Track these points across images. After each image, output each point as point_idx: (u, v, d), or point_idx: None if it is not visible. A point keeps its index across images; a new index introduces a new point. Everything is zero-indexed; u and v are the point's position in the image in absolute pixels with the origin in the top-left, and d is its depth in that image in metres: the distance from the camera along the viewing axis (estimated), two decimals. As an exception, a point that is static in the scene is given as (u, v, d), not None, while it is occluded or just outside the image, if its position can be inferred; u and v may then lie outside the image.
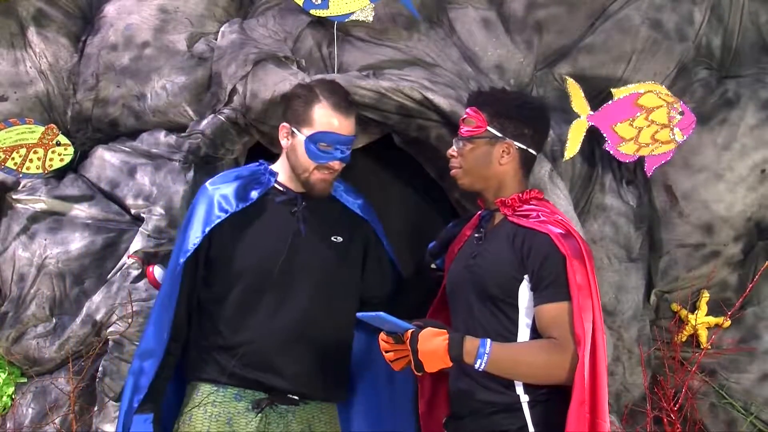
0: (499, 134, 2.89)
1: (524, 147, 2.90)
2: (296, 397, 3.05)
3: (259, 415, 3.00)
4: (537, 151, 2.96)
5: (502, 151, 2.89)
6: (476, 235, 2.96)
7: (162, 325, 3.05)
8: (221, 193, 3.11)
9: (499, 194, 2.90)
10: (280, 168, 3.18)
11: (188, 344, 3.12)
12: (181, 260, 3.05)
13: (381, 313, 2.68)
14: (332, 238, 3.16)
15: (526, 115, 2.93)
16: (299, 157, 3.10)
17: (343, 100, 3.12)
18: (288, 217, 3.12)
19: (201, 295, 3.10)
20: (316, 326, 3.08)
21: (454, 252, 3.08)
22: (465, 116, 2.96)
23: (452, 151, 2.96)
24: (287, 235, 3.08)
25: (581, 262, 2.73)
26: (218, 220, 3.06)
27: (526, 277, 2.76)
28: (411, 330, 2.69)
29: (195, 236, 3.06)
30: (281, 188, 3.16)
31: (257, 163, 3.28)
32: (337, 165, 3.10)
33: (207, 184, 3.18)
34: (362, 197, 3.37)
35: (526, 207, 2.87)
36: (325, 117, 3.06)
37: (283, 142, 3.15)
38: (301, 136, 3.08)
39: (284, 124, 3.15)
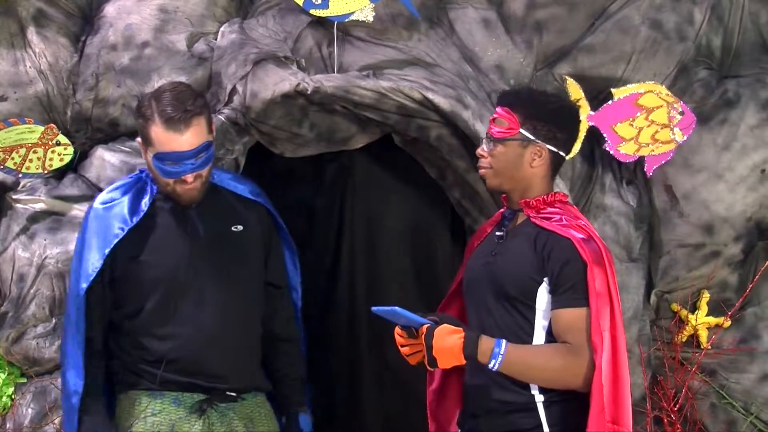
0: (532, 137, 2.84)
1: (555, 150, 2.88)
2: (234, 394, 3.03)
3: (202, 417, 2.99)
4: (567, 153, 2.93)
5: (534, 154, 2.85)
6: (498, 233, 2.93)
7: (77, 362, 2.98)
8: (114, 211, 3.05)
9: (525, 195, 2.87)
10: None
11: (110, 362, 3.08)
12: (84, 285, 2.98)
13: (396, 307, 2.68)
14: (232, 229, 3.13)
15: (560, 119, 2.89)
16: (154, 174, 3.04)
17: (177, 112, 2.95)
18: (182, 219, 3.08)
19: (113, 315, 3.06)
20: (235, 319, 3.07)
21: (473, 247, 3.06)
22: (495, 116, 2.90)
23: (482, 150, 2.90)
24: (185, 236, 3.05)
25: (602, 267, 2.71)
26: (116, 240, 3.00)
27: (545, 280, 2.74)
28: (427, 325, 2.69)
29: (95, 260, 2.99)
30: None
31: (138, 172, 3.22)
32: (190, 178, 2.99)
33: (95, 204, 3.11)
34: (249, 182, 3.31)
35: (549, 209, 2.84)
36: (161, 137, 2.95)
37: (145, 156, 3.08)
38: (150, 155, 3.01)
39: (138, 139, 3.09)
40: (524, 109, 2.86)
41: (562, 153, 2.90)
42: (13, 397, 3.63)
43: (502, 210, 2.99)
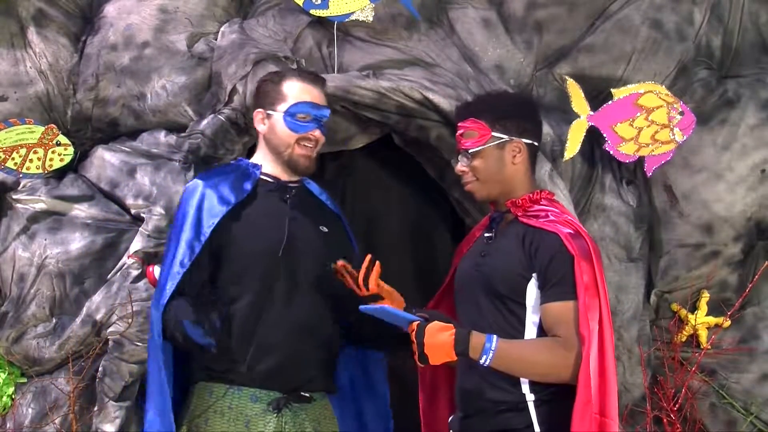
0: (506, 136, 2.89)
1: (530, 141, 2.91)
2: (308, 395, 3.05)
3: (277, 416, 2.99)
4: (539, 142, 2.98)
5: (513, 151, 2.89)
6: (486, 234, 2.96)
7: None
8: (217, 186, 3.10)
9: (510, 195, 2.90)
10: (262, 159, 3.17)
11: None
12: (197, 247, 2.98)
13: (386, 306, 2.69)
14: (320, 228, 3.17)
15: (523, 111, 2.96)
16: (279, 134, 3.11)
17: (310, 73, 3.22)
18: (281, 204, 3.12)
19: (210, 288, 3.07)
20: (321, 316, 3.08)
21: (463, 251, 3.08)
22: (461, 131, 2.93)
23: (461, 167, 2.93)
24: (284, 221, 3.08)
25: (589, 262, 2.74)
26: (222, 213, 3.04)
27: (533, 275, 2.77)
28: (417, 322, 2.70)
29: (203, 229, 3.02)
30: (268, 178, 3.16)
31: (237, 160, 3.29)
32: (317, 134, 3.12)
33: (197, 180, 3.16)
34: (325, 192, 3.36)
35: (536, 207, 2.87)
36: (296, 89, 3.11)
37: (260, 127, 3.15)
38: (278, 114, 3.10)
39: (258, 110, 3.16)
40: (488, 114, 2.91)
41: (535, 143, 2.95)
42: (13, 396, 3.64)
43: (490, 214, 3.02)
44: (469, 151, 2.90)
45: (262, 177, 3.15)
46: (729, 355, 3.94)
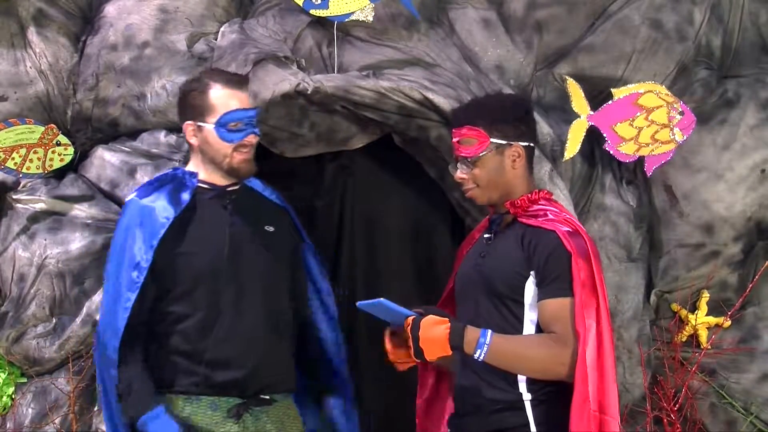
0: (504, 141, 2.88)
1: (527, 144, 2.92)
2: (268, 398, 3.04)
3: (238, 422, 2.99)
4: (535, 142, 2.98)
5: (512, 156, 2.88)
6: (486, 236, 2.97)
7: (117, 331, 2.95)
8: (155, 203, 3.04)
9: (510, 197, 2.90)
10: (197, 168, 3.12)
11: (146, 363, 3.02)
12: (137, 275, 2.95)
13: (382, 299, 2.68)
14: (265, 228, 3.14)
15: (518, 114, 2.94)
16: (214, 146, 3.05)
17: (233, 77, 3.11)
18: (221, 211, 3.08)
19: (158, 306, 3.02)
20: (273, 317, 3.07)
21: (463, 254, 3.09)
22: (458, 138, 2.91)
23: (461, 174, 2.91)
24: (225, 229, 3.05)
25: (587, 260, 2.74)
26: (163, 230, 2.99)
27: (531, 273, 2.77)
28: (413, 316, 2.70)
29: (142, 252, 2.98)
30: (206, 186, 3.12)
31: (173, 169, 3.23)
32: (252, 139, 3.06)
33: (133, 197, 3.10)
34: (270, 187, 3.33)
35: (535, 207, 2.88)
36: (223, 97, 3.02)
37: (192, 140, 3.08)
38: (209, 126, 3.02)
39: (187, 122, 3.08)
40: (485, 119, 2.88)
41: (532, 144, 2.94)
42: (13, 396, 3.64)
43: (489, 216, 3.02)
44: (469, 159, 2.90)
45: (200, 185, 3.09)
46: (729, 355, 3.94)
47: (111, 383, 2.96)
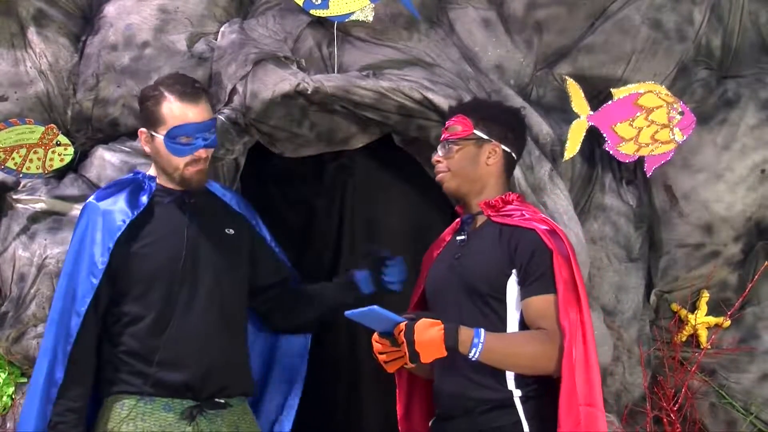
0: (486, 136, 2.95)
1: (508, 150, 2.97)
2: (223, 401, 3.05)
3: (191, 423, 2.99)
4: (518, 156, 3.04)
5: (489, 152, 2.95)
6: (459, 237, 3.01)
7: (62, 359, 2.97)
8: (113, 205, 3.07)
9: (482, 196, 2.95)
10: (156, 172, 3.15)
11: (99, 363, 3.05)
12: (94, 281, 2.97)
13: (375, 306, 2.68)
14: (225, 230, 3.16)
15: (509, 120, 3.02)
16: (164, 157, 3.06)
17: (189, 88, 3.06)
18: (179, 215, 3.10)
19: (112, 308, 3.04)
20: (228, 320, 3.09)
21: (432, 257, 3.12)
22: (447, 125, 3.01)
23: (437, 156, 3.00)
24: (183, 232, 3.07)
25: (566, 258, 2.80)
26: (119, 232, 3.01)
27: (513, 272, 2.81)
28: (404, 322, 2.71)
29: (99, 254, 3.00)
30: (164, 190, 3.13)
31: (133, 173, 3.24)
32: (203, 153, 3.06)
33: (91, 200, 3.12)
34: (230, 191, 3.37)
35: (509, 207, 2.93)
36: (175, 110, 3.02)
37: (146, 148, 3.11)
38: (160, 137, 3.03)
39: (141, 129, 3.11)
40: (476, 113, 2.99)
41: (514, 154, 3.00)
42: (13, 396, 3.64)
43: (459, 218, 3.05)
44: (449, 141, 2.94)
45: (158, 189, 3.12)
46: (729, 355, 3.94)
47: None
